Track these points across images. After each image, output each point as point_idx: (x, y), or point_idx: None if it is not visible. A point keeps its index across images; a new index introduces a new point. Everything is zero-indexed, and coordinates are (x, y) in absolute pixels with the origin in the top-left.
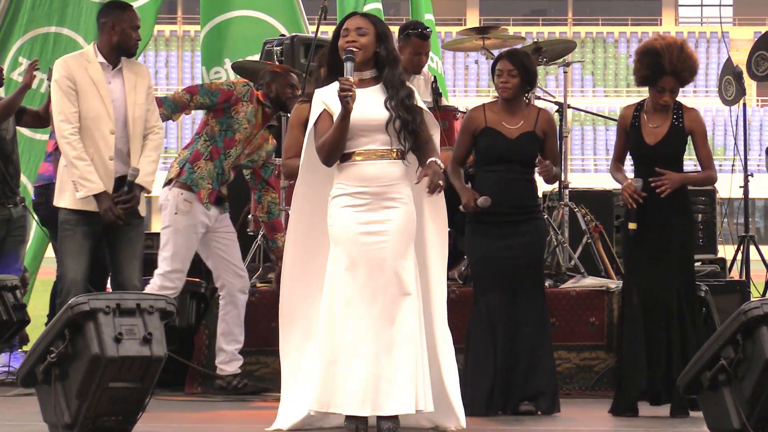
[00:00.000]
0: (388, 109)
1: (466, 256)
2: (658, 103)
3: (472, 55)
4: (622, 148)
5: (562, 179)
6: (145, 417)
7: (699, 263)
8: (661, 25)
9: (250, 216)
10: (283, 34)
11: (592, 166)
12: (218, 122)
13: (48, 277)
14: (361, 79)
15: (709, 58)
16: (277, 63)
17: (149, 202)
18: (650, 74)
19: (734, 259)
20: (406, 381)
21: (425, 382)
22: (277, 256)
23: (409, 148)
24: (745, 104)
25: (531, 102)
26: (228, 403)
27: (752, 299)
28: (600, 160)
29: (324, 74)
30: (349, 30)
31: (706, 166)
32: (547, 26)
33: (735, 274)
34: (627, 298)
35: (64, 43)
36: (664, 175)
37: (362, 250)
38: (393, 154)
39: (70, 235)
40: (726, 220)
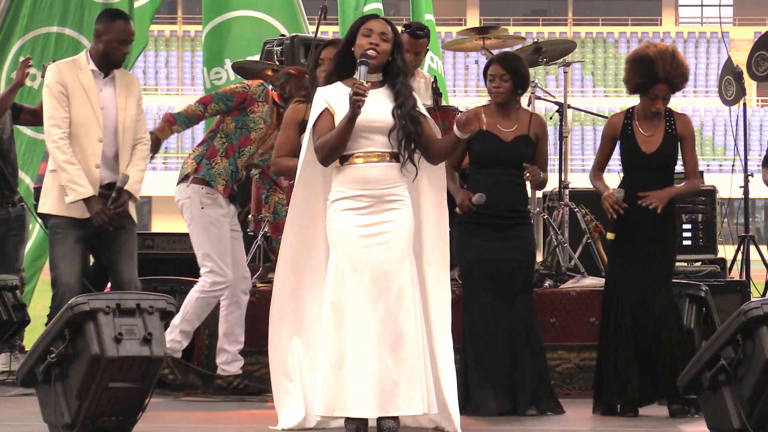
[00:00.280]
0: (395, 118)
1: (455, 256)
2: (651, 111)
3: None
4: (607, 156)
5: (562, 179)
6: (145, 417)
7: (699, 263)
8: (661, 25)
9: (250, 216)
10: (283, 34)
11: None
12: (234, 120)
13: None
14: (368, 81)
15: (709, 58)
16: (278, 63)
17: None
18: (644, 82)
19: (734, 259)
20: (413, 382)
21: (429, 383)
22: None
23: (409, 157)
24: (745, 104)
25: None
26: (228, 403)
27: (752, 299)
28: None
29: (331, 71)
30: (374, 32)
31: (692, 174)
32: (547, 26)
33: (735, 274)
34: (609, 304)
35: (66, 44)
36: (648, 196)
37: (363, 252)
38: (391, 158)
39: (61, 239)
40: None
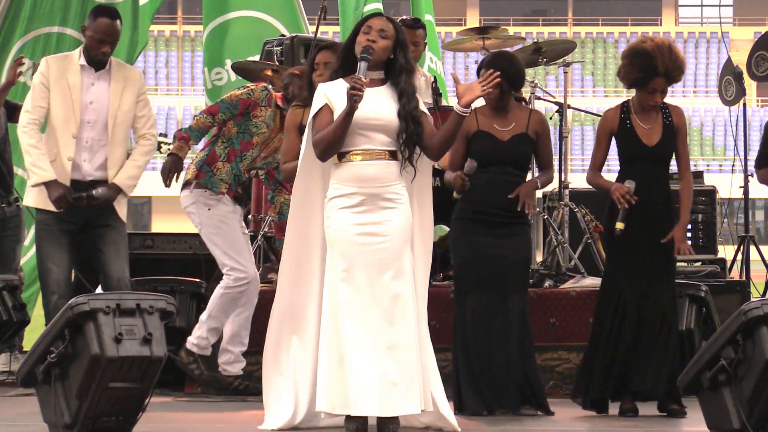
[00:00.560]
0: (400, 118)
1: (451, 252)
2: (649, 104)
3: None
4: (605, 153)
5: (562, 179)
6: (145, 417)
7: (699, 263)
8: (661, 25)
9: (250, 216)
10: (283, 34)
11: None
12: (236, 124)
13: None
14: (369, 78)
15: (709, 58)
16: (277, 63)
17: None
18: (643, 76)
19: (734, 260)
20: (410, 381)
21: (424, 382)
22: None
23: (409, 157)
24: (745, 104)
25: (530, 103)
26: (228, 404)
27: (752, 299)
28: None
29: (335, 69)
30: (372, 29)
31: (686, 166)
32: (547, 26)
33: (735, 275)
34: (605, 297)
35: (68, 43)
36: (672, 237)
37: (360, 251)
38: (389, 156)
39: (47, 236)
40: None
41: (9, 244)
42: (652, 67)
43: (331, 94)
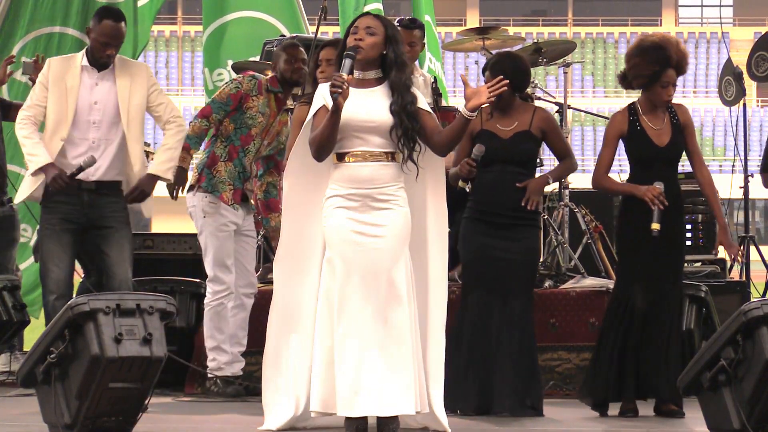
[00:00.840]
0: (392, 114)
1: (459, 251)
2: (663, 100)
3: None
4: (612, 156)
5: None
6: (145, 417)
7: (699, 263)
8: (661, 25)
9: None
10: (284, 35)
11: (592, 167)
12: (232, 120)
13: None
14: (364, 78)
15: (709, 59)
16: None
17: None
18: (658, 69)
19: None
20: (404, 381)
21: (421, 383)
22: (271, 236)
23: (408, 155)
24: (745, 105)
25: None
26: (228, 404)
27: (752, 299)
28: None
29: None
30: (359, 28)
31: (699, 161)
32: (547, 26)
33: (735, 275)
34: (617, 298)
35: (70, 43)
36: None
37: (356, 251)
38: (386, 157)
39: (49, 235)
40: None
41: (3, 245)
42: (666, 58)
43: (328, 95)
